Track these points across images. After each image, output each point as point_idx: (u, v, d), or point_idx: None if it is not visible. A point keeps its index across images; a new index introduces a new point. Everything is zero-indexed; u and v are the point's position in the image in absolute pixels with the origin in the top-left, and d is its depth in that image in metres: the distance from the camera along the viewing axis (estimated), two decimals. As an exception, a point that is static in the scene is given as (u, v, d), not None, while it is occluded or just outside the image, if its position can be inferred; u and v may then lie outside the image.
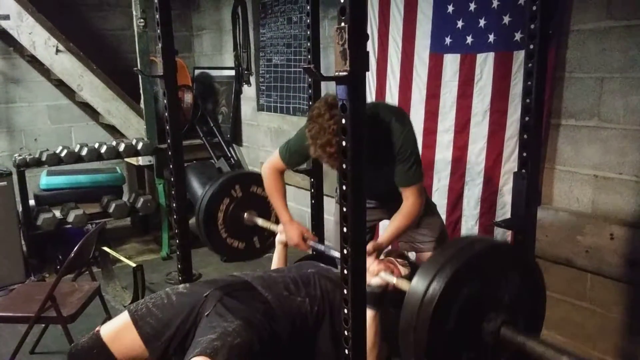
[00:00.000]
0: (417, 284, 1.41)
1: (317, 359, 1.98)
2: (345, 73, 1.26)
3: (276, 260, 2.52)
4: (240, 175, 2.92)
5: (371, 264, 1.90)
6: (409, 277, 2.04)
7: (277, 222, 2.67)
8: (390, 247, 2.55)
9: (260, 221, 2.77)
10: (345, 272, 1.41)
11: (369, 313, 1.81)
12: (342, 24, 1.24)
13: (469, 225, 3.16)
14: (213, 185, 2.79)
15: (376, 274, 1.89)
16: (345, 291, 1.42)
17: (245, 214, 2.81)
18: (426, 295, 1.37)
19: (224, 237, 2.80)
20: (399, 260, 2.13)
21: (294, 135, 2.46)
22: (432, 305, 1.35)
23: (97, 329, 1.96)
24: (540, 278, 1.59)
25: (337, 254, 2.15)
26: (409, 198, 2.24)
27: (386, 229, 2.29)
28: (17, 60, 4.97)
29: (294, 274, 2.12)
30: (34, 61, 4.84)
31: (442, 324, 1.37)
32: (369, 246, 2.09)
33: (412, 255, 2.56)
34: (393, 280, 1.84)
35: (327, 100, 2.06)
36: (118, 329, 1.95)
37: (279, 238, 2.54)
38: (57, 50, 4.44)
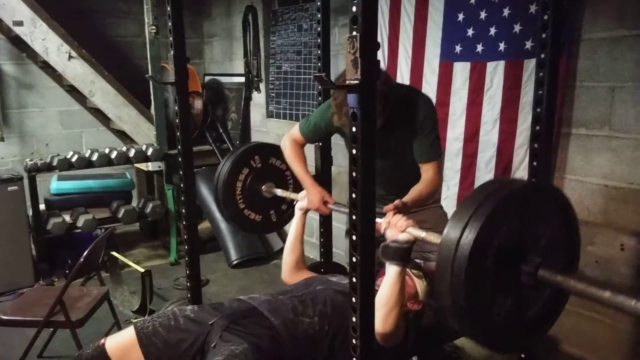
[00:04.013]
0: (454, 224, 1.34)
1: None
2: (356, 82, 1.26)
3: (294, 227, 2.48)
4: (259, 146, 2.87)
5: (399, 219, 1.86)
6: (428, 291, 2.03)
7: (295, 192, 2.66)
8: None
9: (279, 191, 2.72)
10: (354, 280, 1.40)
11: (396, 269, 1.81)
12: (354, 33, 1.25)
13: (478, 234, 3.14)
14: (233, 154, 2.75)
15: (404, 230, 1.84)
16: (354, 299, 1.41)
17: (264, 186, 2.76)
18: (464, 233, 1.31)
19: (242, 208, 2.75)
20: (413, 271, 2.10)
21: (315, 111, 2.50)
22: (470, 246, 1.29)
23: (102, 341, 1.95)
24: (574, 218, 1.53)
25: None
26: (428, 171, 2.25)
27: (408, 193, 2.22)
28: (30, 66, 5.03)
29: (302, 292, 2.08)
30: (46, 67, 4.89)
31: (481, 263, 1.32)
32: (396, 201, 2.03)
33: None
34: (422, 234, 1.79)
35: None
36: (123, 345, 1.93)
37: (299, 205, 2.52)
38: (70, 57, 4.49)
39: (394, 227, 1.84)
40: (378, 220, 1.68)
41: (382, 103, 2.05)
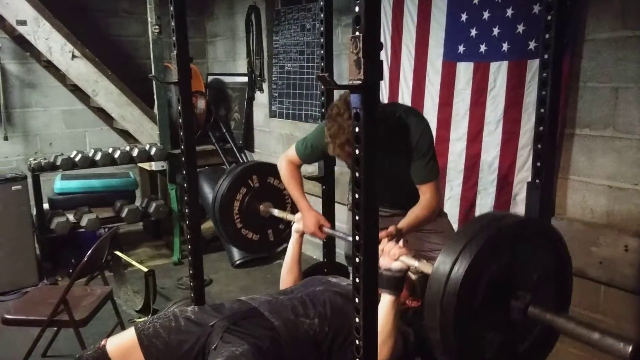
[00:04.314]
0: (444, 259, 1.34)
1: None
2: (359, 82, 1.26)
3: (291, 248, 2.49)
4: (258, 165, 2.89)
5: (392, 247, 1.84)
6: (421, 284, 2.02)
7: (293, 212, 2.66)
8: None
9: (276, 212, 2.73)
10: (357, 280, 1.40)
11: (389, 298, 1.80)
12: (357, 33, 1.25)
13: (481, 234, 3.14)
14: (231, 173, 2.75)
15: (397, 258, 1.83)
16: (357, 300, 1.41)
17: (262, 205, 2.78)
18: (454, 269, 1.31)
19: (239, 227, 2.76)
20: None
21: (312, 131, 2.47)
22: (459, 281, 1.29)
23: (102, 342, 1.95)
24: (567, 254, 1.53)
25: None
26: (426, 193, 2.23)
27: (405, 217, 2.23)
28: (34, 65, 5.04)
29: (302, 293, 2.09)
30: (50, 66, 4.90)
31: (470, 299, 1.31)
32: (391, 228, 2.04)
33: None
34: (415, 263, 1.79)
35: (346, 99, 2.05)
36: (124, 347, 1.93)
37: (296, 227, 2.52)
38: (73, 56, 4.50)
39: (387, 255, 1.82)
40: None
41: None
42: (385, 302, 1.80)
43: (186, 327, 1.93)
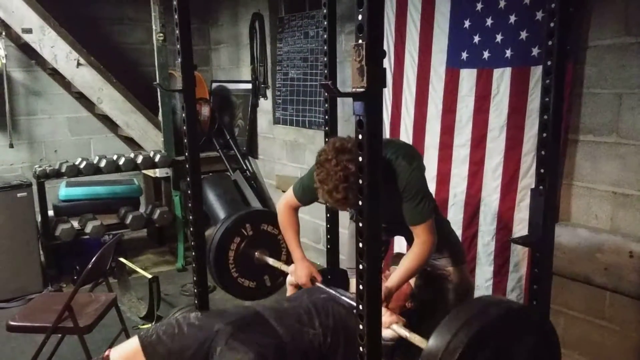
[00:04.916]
0: (432, 348, 1.40)
1: None
2: (362, 89, 1.26)
3: None
4: (251, 214, 2.94)
5: (383, 314, 1.82)
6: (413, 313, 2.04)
7: (287, 262, 2.66)
8: (394, 254, 2.50)
9: (271, 261, 2.77)
10: (361, 287, 1.40)
11: None
12: (360, 41, 1.25)
13: (485, 240, 3.13)
14: (224, 223, 2.80)
15: (388, 327, 1.84)
16: (360, 307, 1.41)
17: (256, 252, 2.82)
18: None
19: (235, 277, 2.81)
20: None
21: (307, 172, 2.44)
22: None
23: (106, 352, 1.96)
24: (555, 340, 1.56)
25: (346, 299, 2.12)
26: (419, 236, 2.19)
27: (397, 269, 2.21)
28: (39, 73, 5.07)
29: (307, 301, 2.09)
30: (55, 74, 4.93)
31: None
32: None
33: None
34: (406, 334, 1.80)
35: (335, 144, 2.03)
36: (127, 355, 1.94)
37: (289, 280, 2.53)
38: (78, 64, 4.52)
39: None
40: None
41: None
42: None
43: (189, 333, 1.93)
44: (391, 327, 1.83)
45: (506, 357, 1.44)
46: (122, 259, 3.98)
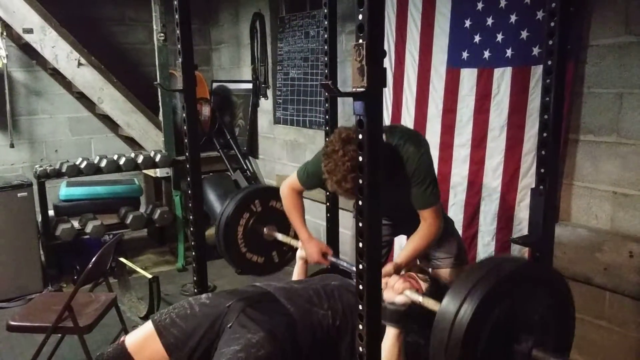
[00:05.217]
0: (448, 306, 1.39)
1: None
2: (362, 89, 1.26)
3: (296, 275, 2.52)
4: (259, 190, 2.91)
5: (395, 281, 1.86)
6: (430, 292, 2.03)
7: (296, 237, 2.67)
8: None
9: (279, 236, 2.77)
10: (361, 287, 1.40)
11: (393, 331, 1.80)
12: (360, 41, 1.25)
13: (486, 240, 3.13)
14: (233, 199, 2.78)
15: (401, 292, 1.84)
16: (360, 307, 1.41)
17: (265, 228, 2.81)
18: (457, 317, 1.35)
19: (243, 252, 2.80)
20: (419, 275, 2.11)
21: (312, 158, 2.45)
22: (464, 327, 1.33)
23: (122, 338, 1.98)
24: (569, 295, 1.55)
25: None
26: (427, 219, 2.23)
27: (404, 248, 2.26)
28: (40, 73, 5.07)
29: (317, 285, 2.10)
30: (56, 74, 4.93)
31: (474, 346, 1.35)
32: (389, 266, 2.09)
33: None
34: (419, 298, 1.80)
35: (341, 135, 2.05)
36: (142, 339, 1.96)
37: (300, 253, 2.55)
38: (79, 64, 4.52)
39: (391, 289, 1.84)
40: None
41: None
42: (389, 336, 1.80)
43: (202, 312, 1.95)
44: (404, 293, 1.83)
45: (522, 313, 1.43)
46: (122, 259, 3.98)
